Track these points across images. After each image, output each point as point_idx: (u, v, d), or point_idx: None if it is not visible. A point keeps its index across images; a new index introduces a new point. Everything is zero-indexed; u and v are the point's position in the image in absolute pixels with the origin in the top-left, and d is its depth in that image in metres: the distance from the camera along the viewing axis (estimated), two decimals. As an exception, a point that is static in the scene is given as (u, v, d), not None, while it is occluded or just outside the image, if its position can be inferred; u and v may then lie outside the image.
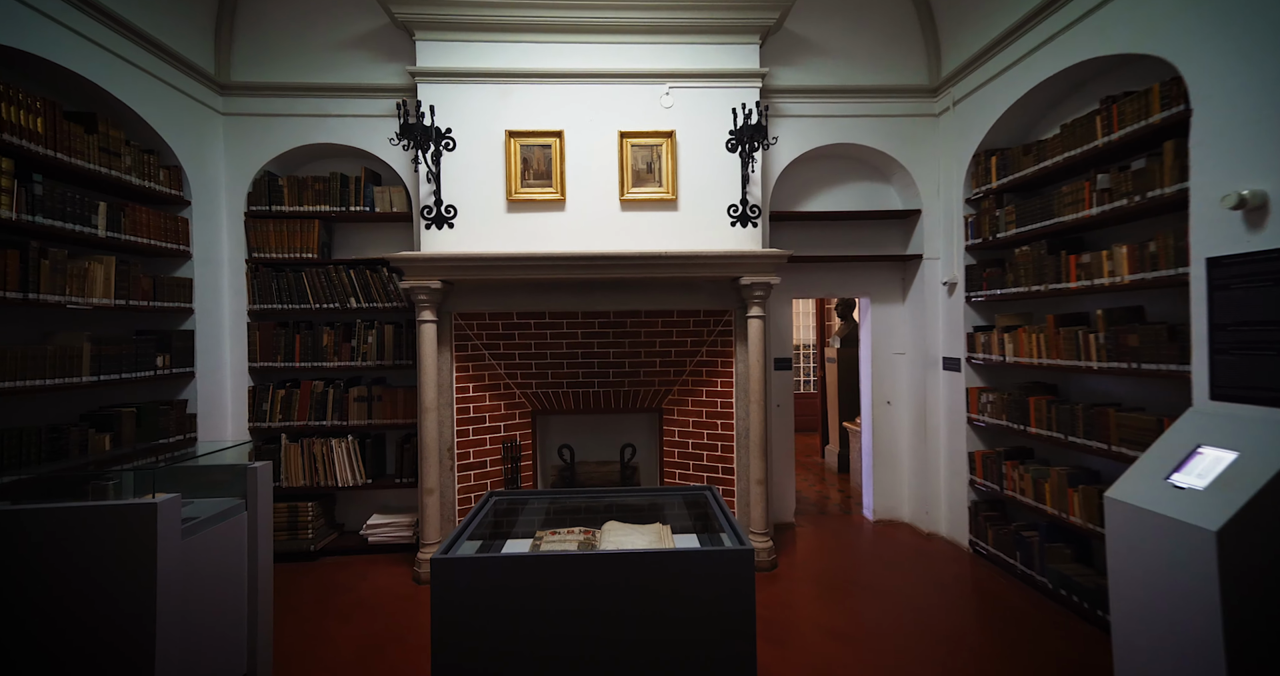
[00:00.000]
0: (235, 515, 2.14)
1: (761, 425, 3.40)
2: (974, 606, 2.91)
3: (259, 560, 2.21)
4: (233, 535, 2.12)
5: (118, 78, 2.86)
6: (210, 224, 3.44)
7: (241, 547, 2.16)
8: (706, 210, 3.52)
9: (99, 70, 2.76)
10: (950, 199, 3.72)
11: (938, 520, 3.84)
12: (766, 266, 3.32)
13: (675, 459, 3.82)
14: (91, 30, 2.72)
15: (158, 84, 3.10)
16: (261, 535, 2.22)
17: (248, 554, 2.17)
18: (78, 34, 2.64)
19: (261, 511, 2.24)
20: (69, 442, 2.55)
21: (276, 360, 3.59)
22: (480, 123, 3.42)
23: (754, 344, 3.40)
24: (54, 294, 2.49)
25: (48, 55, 2.52)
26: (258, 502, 2.22)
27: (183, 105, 3.26)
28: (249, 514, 2.18)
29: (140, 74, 3.00)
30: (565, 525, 2.37)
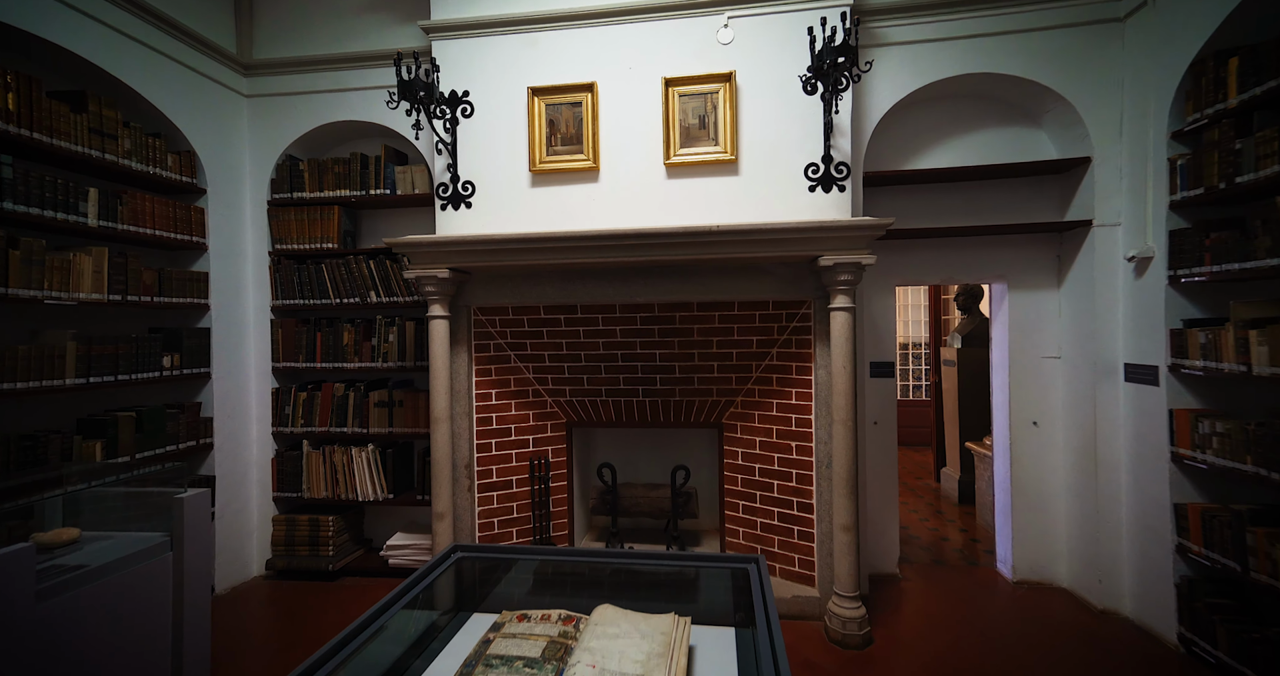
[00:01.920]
0: (158, 556, 1.74)
1: (849, 452, 2.55)
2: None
3: (188, 609, 1.79)
4: (152, 579, 1.72)
5: (116, 55, 2.65)
6: (232, 213, 3.21)
7: (165, 595, 1.75)
8: (776, 172, 2.72)
9: (93, 46, 2.55)
10: (1142, 136, 2.62)
11: (1118, 594, 2.74)
12: (856, 241, 2.47)
13: (738, 487, 3.06)
14: (94, 6, 2.51)
15: (168, 63, 2.89)
16: (192, 578, 1.81)
17: (173, 602, 1.77)
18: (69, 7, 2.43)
19: (196, 549, 1.83)
20: (49, 450, 2.34)
21: (299, 360, 3.32)
22: (502, 82, 2.88)
23: (839, 344, 2.56)
24: (28, 288, 2.27)
25: (33, 29, 2.32)
26: (193, 538, 1.82)
27: (198, 86, 3.05)
28: (175, 554, 1.78)
29: (149, 53, 2.79)
30: (551, 595, 1.75)
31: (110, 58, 2.62)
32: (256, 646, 2.61)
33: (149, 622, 1.71)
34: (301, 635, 2.69)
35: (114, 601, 1.60)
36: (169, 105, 2.89)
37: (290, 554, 3.31)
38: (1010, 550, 3.15)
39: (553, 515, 3.17)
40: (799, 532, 2.85)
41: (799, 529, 2.85)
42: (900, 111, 3.03)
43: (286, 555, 3.31)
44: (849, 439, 2.55)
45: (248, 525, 3.30)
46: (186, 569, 1.78)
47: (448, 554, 1.65)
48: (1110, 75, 2.75)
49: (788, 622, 2.71)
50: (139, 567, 1.68)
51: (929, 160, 3.14)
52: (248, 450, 3.30)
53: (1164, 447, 2.46)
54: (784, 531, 2.90)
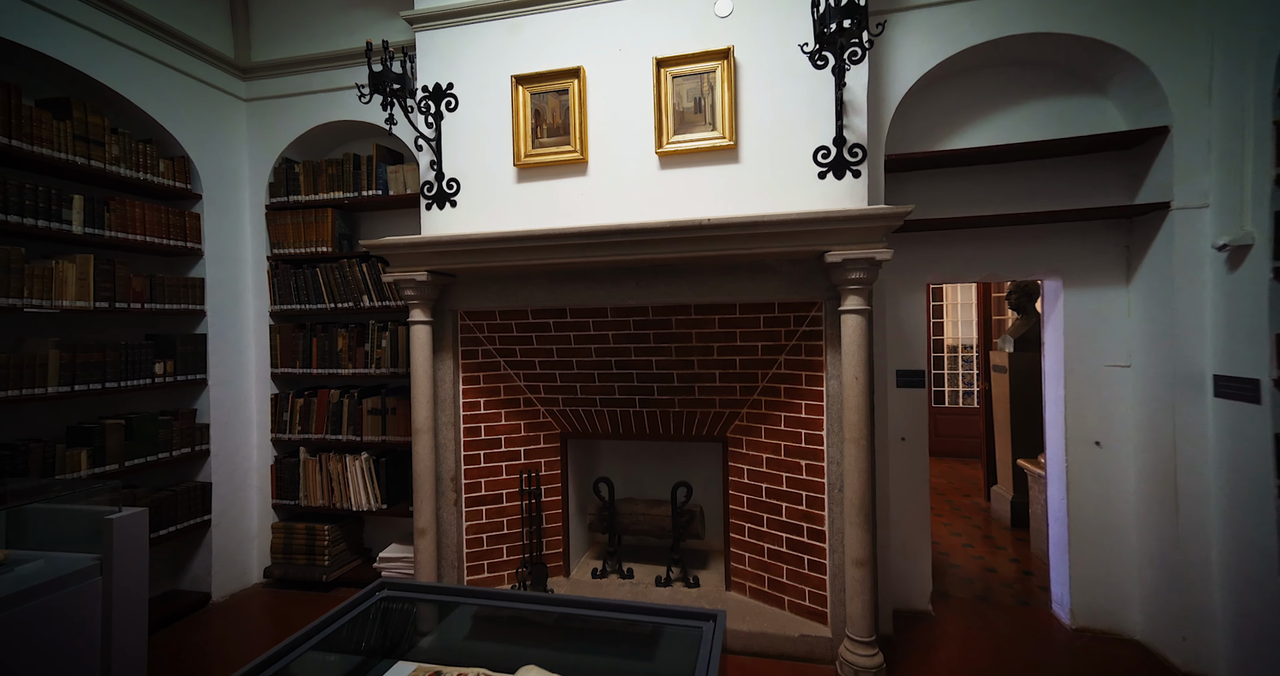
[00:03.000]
0: (86, 581, 1.64)
1: (864, 475, 2.22)
2: None
3: (118, 638, 1.69)
4: (80, 606, 1.63)
5: (106, 62, 2.64)
6: (229, 219, 3.19)
7: (94, 623, 1.65)
8: (781, 159, 2.42)
9: (82, 54, 2.54)
10: (1238, 99, 2.16)
11: (1210, 655, 2.27)
12: (869, 233, 2.14)
13: (744, 508, 2.77)
14: (76, 12, 2.50)
15: (164, 70, 2.88)
16: (123, 605, 1.71)
17: (102, 631, 1.67)
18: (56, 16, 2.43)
19: (128, 573, 1.72)
20: (29, 460, 2.34)
21: (296, 365, 3.27)
22: (486, 72, 2.70)
23: (851, 352, 2.23)
24: (5, 296, 2.27)
25: (18, 39, 2.32)
26: (126, 562, 1.71)
27: (194, 91, 3.03)
28: (105, 579, 1.67)
29: (143, 60, 2.78)
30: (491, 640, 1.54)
31: (100, 65, 2.62)
32: (230, 659, 2.54)
33: (75, 654, 1.61)
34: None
35: (30, 631, 1.50)
36: (162, 111, 2.87)
37: (288, 562, 3.27)
38: (1067, 590, 2.71)
39: (546, 531, 2.98)
40: (809, 562, 2.53)
41: (809, 558, 2.53)
42: (929, 85, 2.65)
43: (284, 563, 3.27)
44: (863, 460, 2.22)
45: (248, 532, 3.28)
46: (117, 595, 1.68)
47: (372, 591, 1.47)
48: (1195, 28, 2.28)
49: (796, 665, 2.40)
50: (63, 594, 1.59)
51: (965, 139, 2.73)
52: (247, 457, 3.28)
53: (1268, 480, 1.99)
54: (793, 560, 2.59)
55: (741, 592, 2.79)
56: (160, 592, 3.05)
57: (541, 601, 1.47)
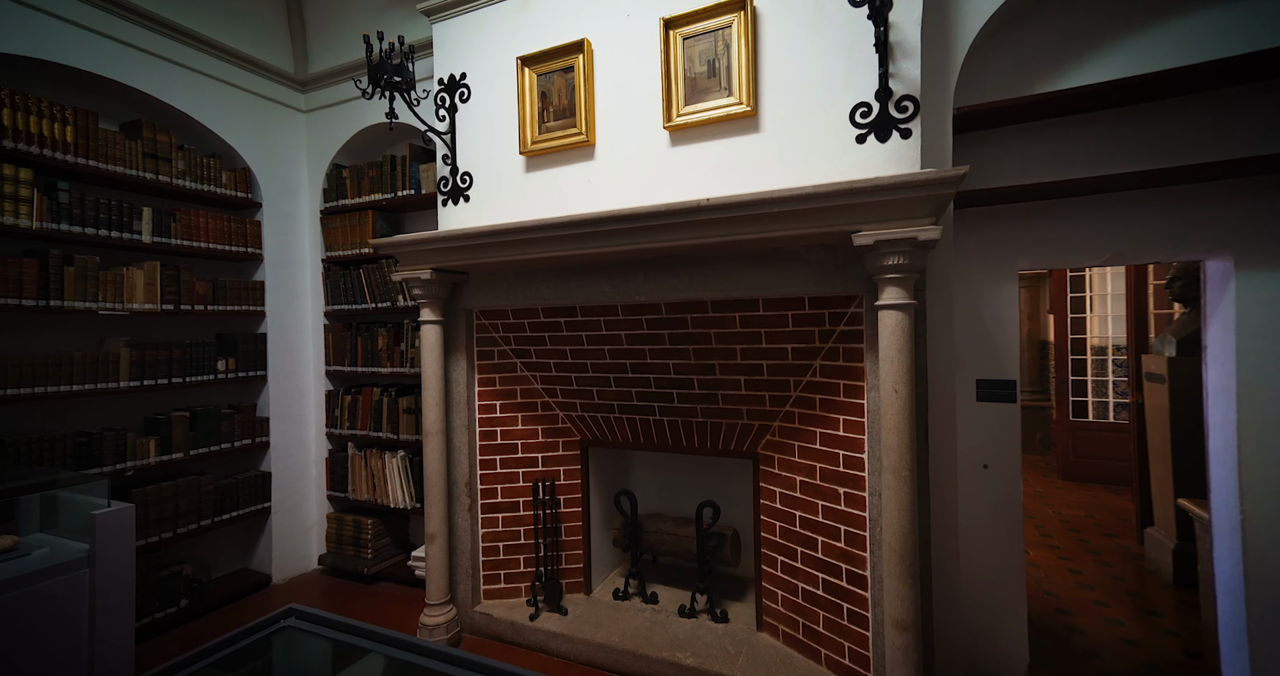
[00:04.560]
0: (74, 572, 1.73)
1: (905, 513, 1.75)
2: None
3: (101, 630, 1.76)
4: (69, 597, 1.71)
5: (173, 86, 2.89)
6: (288, 225, 3.40)
7: (82, 612, 1.74)
8: (810, 122, 2.00)
9: (151, 80, 2.80)
10: None
11: None
12: (909, 205, 1.66)
13: (776, 537, 2.37)
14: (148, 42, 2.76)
15: (227, 89, 3.11)
16: (108, 597, 1.78)
17: (99, 623, 1.75)
18: (122, 43, 2.69)
19: (113, 567, 1.79)
20: (105, 447, 2.61)
21: (345, 363, 3.40)
22: (495, 58, 2.57)
23: (890, 358, 1.76)
24: (82, 300, 2.54)
25: (95, 69, 2.59)
26: (110, 556, 1.79)
27: (255, 107, 3.25)
28: (91, 573, 1.75)
29: (208, 81, 3.02)
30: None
31: (169, 88, 2.87)
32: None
33: (65, 640, 1.70)
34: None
35: (21, 615, 1.59)
36: (226, 128, 3.10)
37: (338, 552, 3.42)
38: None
39: (565, 545, 2.80)
40: (849, 613, 2.08)
41: (849, 607, 2.08)
42: (1018, 13, 2.06)
43: (335, 553, 3.43)
44: (904, 494, 1.75)
45: (307, 520, 3.48)
46: (101, 585, 1.75)
47: (277, 617, 1.36)
48: None
49: (824, 736, 1.98)
50: (54, 582, 1.68)
51: (1071, 79, 2.09)
52: (305, 449, 3.47)
53: None
54: (830, 607, 2.15)
55: (774, 636, 2.40)
56: (232, 570, 3.33)
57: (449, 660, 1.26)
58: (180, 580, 2.90)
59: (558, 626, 2.53)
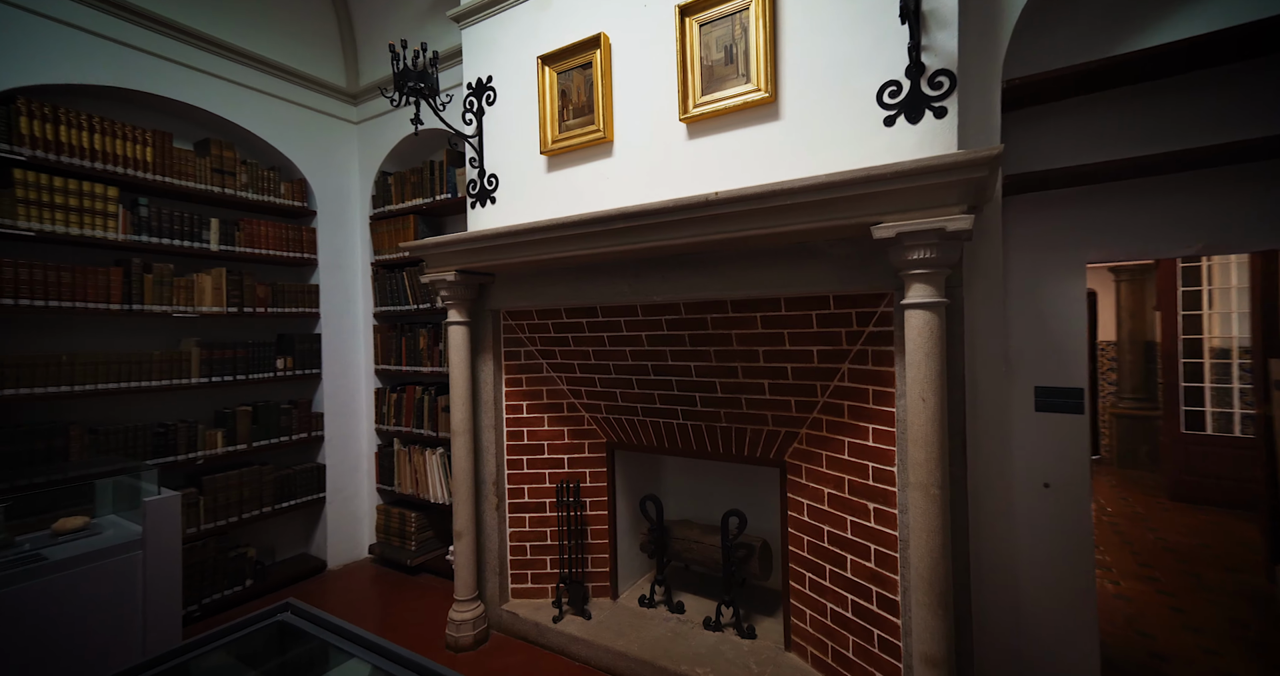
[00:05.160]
0: (129, 553, 1.90)
1: (935, 537, 1.57)
2: None
3: (152, 605, 1.92)
4: (123, 576, 1.88)
5: (237, 105, 3.12)
6: (341, 231, 3.60)
7: (135, 592, 1.90)
8: (833, 106, 1.84)
9: (218, 101, 3.04)
10: None
11: None
12: (935, 192, 1.49)
13: (804, 552, 2.22)
14: (216, 66, 3.01)
15: (285, 106, 3.33)
16: (156, 578, 1.93)
17: (149, 604, 1.90)
18: (194, 69, 2.94)
19: (161, 550, 1.95)
20: (179, 437, 2.87)
21: (391, 362, 3.56)
22: (518, 58, 2.58)
23: (917, 362, 1.58)
24: (159, 304, 2.80)
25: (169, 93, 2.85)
26: (158, 539, 1.94)
27: (311, 121, 3.46)
28: (144, 553, 1.91)
29: (267, 99, 3.25)
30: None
31: (233, 108, 3.11)
32: (313, 630, 2.82)
33: (123, 613, 1.87)
34: (349, 628, 2.83)
35: (69, 597, 1.76)
36: (284, 142, 3.32)
37: (386, 543, 3.59)
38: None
39: (590, 548, 2.77)
40: (880, 640, 1.91)
41: (880, 634, 1.91)
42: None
43: (383, 543, 3.59)
44: (936, 515, 1.56)
45: (360, 511, 3.67)
46: (150, 566, 1.91)
47: (274, 611, 1.41)
48: None
49: (848, 773, 1.82)
50: (112, 561, 1.84)
51: (1152, 36, 1.79)
52: (358, 443, 3.67)
53: None
54: (860, 632, 1.98)
55: (802, 657, 2.25)
56: (294, 554, 3.58)
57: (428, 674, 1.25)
58: (245, 561, 3.14)
59: (579, 630, 2.50)
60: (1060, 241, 1.98)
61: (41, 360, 2.48)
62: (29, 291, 2.45)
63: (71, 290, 2.55)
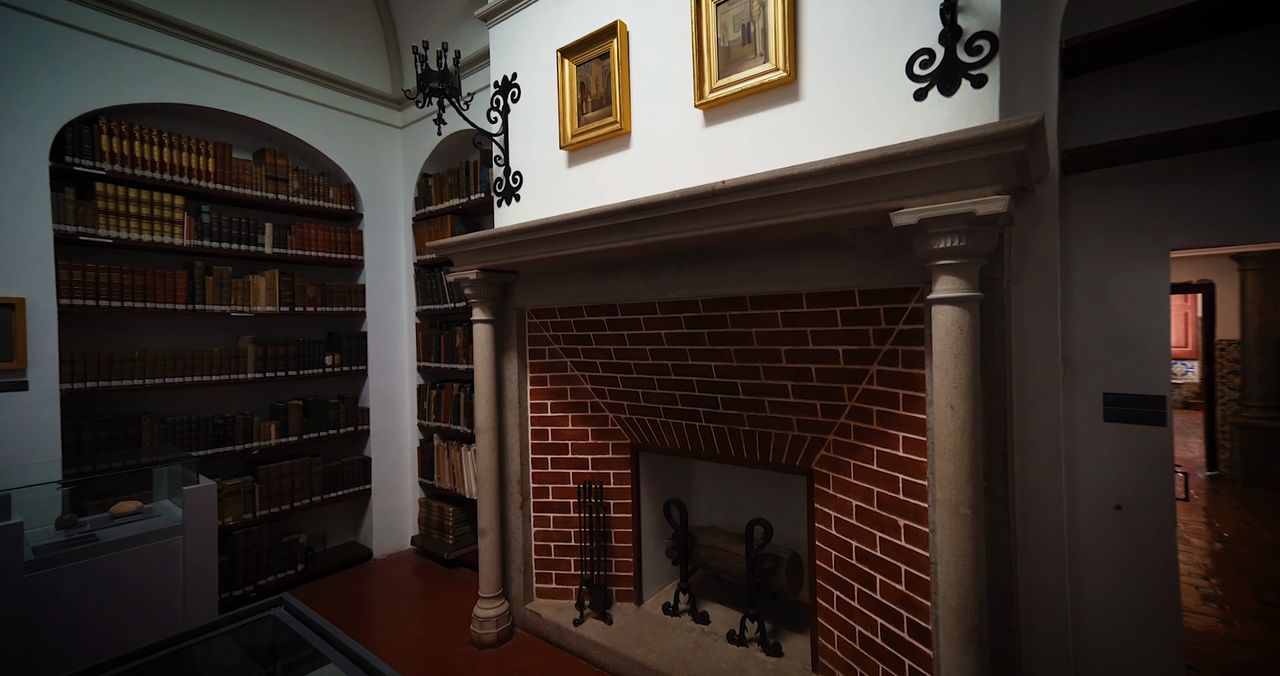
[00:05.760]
0: (169, 538, 2.03)
1: (967, 561, 1.38)
2: None
3: (191, 585, 2.04)
4: (164, 559, 2.01)
5: (289, 115, 3.30)
6: (386, 233, 3.73)
7: (176, 575, 2.03)
8: (857, 82, 1.67)
9: (272, 112, 3.22)
10: None
11: None
12: (963, 171, 1.30)
13: (831, 568, 2.06)
14: (270, 79, 3.20)
15: (333, 113, 3.48)
16: (194, 562, 2.05)
17: (187, 588, 2.03)
18: (252, 84, 3.13)
19: (199, 537, 2.07)
20: (236, 429, 3.07)
21: (431, 360, 3.65)
22: (539, 53, 2.55)
23: (945, 365, 1.40)
24: (219, 304, 3.01)
25: (226, 107, 3.05)
26: (196, 526, 2.07)
27: (357, 127, 3.60)
28: (187, 540, 2.04)
29: (316, 108, 3.41)
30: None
31: (286, 118, 3.28)
32: (371, 604, 2.94)
33: (166, 592, 2.00)
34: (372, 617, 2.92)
35: (117, 576, 1.90)
36: (332, 149, 3.48)
37: (426, 535, 3.69)
38: None
39: (614, 551, 2.71)
40: (912, 673, 1.72)
41: (911, 665, 1.72)
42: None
43: (424, 536, 3.70)
44: (967, 539, 1.38)
45: (403, 503, 3.81)
46: (189, 554, 2.03)
47: (266, 605, 1.44)
48: None
49: None
50: (150, 547, 1.98)
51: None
52: (402, 438, 3.80)
53: None
54: (891, 661, 1.80)
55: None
56: (343, 542, 3.76)
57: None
58: (297, 547, 3.32)
59: (599, 635, 2.45)
60: (1137, 225, 1.71)
61: (118, 356, 2.72)
62: (107, 293, 2.69)
63: (143, 292, 2.78)
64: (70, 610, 1.81)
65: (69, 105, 2.59)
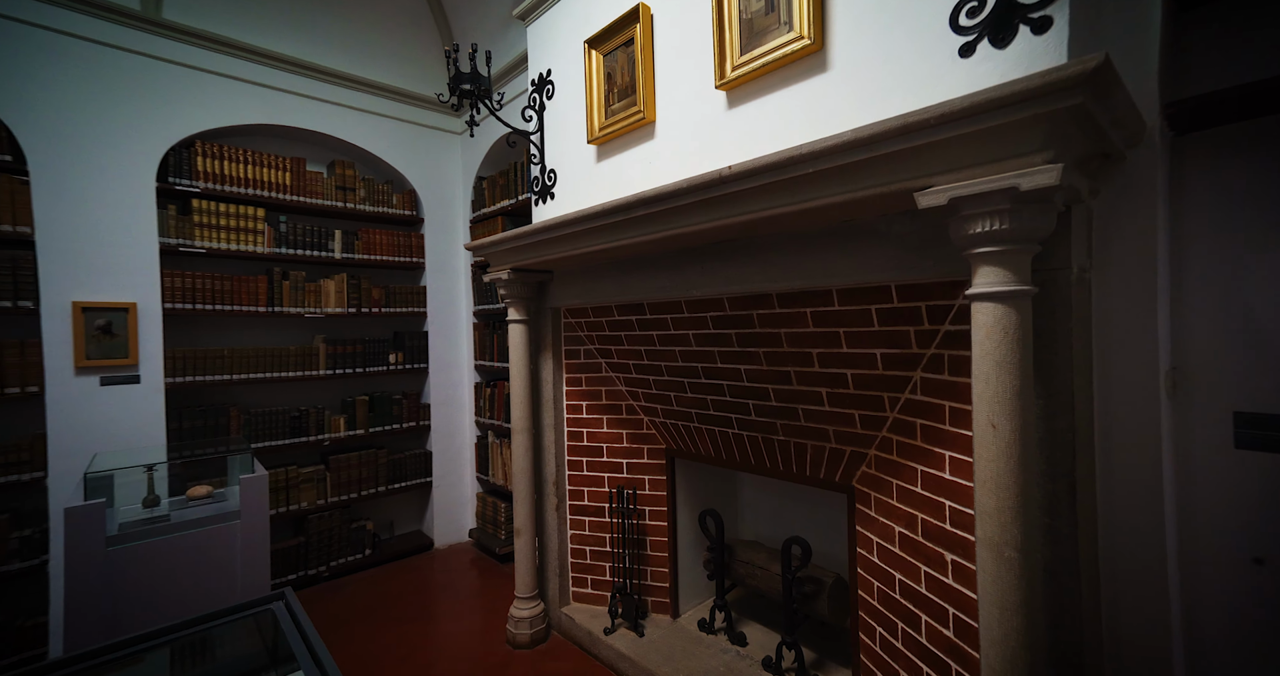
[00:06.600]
0: (228, 521, 2.20)
1: (1013, 617, 1.12)
2: None
3: (246, 566, 2.20)
4: (224, 539, 2.19)
5: (357, 128, 3.51)
6: (446, 235, 3.87)
7: (234, 555, 2.20)
8: (891, 44, 1.44)
9: (341, 127, 3.44)
10: None
11: None
12: (1000, 138, 1.06)
13: (874, 601, 1.82)
14: (339, 96, 3.42)
15: (396, 124, 3.66)
16: (248, 545, 2.21)
17: (241, 569, 2.20)
18: (324, 102, 3.36)
19: (252, 522, 2.22)
20: (308, 422, 3.32)
21: (485, 358, 3.74)
22: (570, 47, 2.49)
23: (986, 374, 1.15)
24: (295, 306, 3.26)
25: (303, 125, 3.30)
26: (250, 512, 2.23)
27: (419, 136, 3.76)
28: (243, 525, 2.20)
29: (381, 120, 3.60)
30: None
31: (353, 131, 3.49)
32: (432, 591, 3.07)
33: (227, 570, 2.17)
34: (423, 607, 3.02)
35: (182, 552, 2.08)
36: (396, 158, 3.66)
37: (482, 529, 3.79)
38: None
39: (649, 560, 2.60)
40: (958, 734, 1.46)
41: (958, 727, 1.46)
42: None
43: (480, 530, 3.81)
44: (1015, 590, 1.12)
45: (463, 497, 3.94)
46: (243, 537, 2.19)
47: (271, 597, 1.49)
48: None
49: None
50: (212, 529, 2.16)
51: None
52: (461, 434, 3.93)
53: None
54: (935, 717, 1.55)
55: (872, 727, 1.84)
56: (409, 530, 3.96)
57: None
58: (365, 533, 3.54)
59: (628, 647, 2.36)
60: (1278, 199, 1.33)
61: (210, 353, 3.02)
62: (202, 297, 3.00)
63: (230, 295, 3.07)
64: (143, 582, 2.02)
65: (171, 132, 2.90)
